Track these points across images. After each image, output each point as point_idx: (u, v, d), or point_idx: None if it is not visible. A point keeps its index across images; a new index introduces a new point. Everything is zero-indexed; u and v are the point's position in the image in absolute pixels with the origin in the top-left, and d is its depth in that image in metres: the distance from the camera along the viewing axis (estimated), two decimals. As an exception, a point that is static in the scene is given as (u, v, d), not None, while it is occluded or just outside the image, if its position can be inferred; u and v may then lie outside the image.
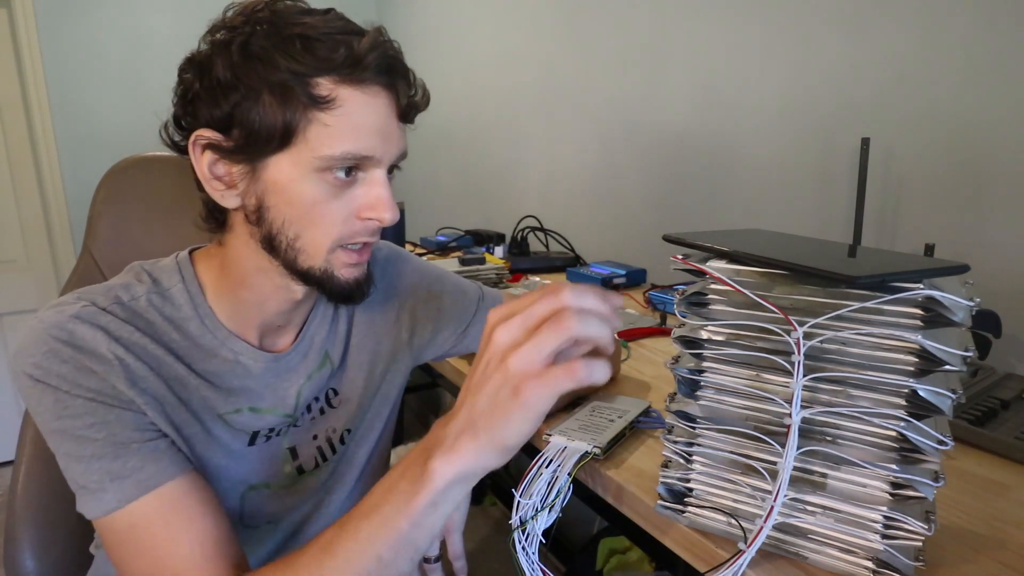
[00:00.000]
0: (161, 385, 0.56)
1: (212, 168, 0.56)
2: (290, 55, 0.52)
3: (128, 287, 0.59)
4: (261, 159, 0.54)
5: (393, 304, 0.74)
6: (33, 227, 2.38)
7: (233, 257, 0.60)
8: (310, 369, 0.68)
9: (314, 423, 0.70)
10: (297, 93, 0.52)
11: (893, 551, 0.42)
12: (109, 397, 0.53)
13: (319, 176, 0.54)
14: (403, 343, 0.75)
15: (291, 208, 0.55)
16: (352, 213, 0.57)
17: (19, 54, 2.23)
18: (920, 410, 0.40)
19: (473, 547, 1.99)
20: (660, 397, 0.78)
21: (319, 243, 0.57)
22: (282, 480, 0.68)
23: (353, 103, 0.53)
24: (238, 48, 0.52)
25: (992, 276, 0.89)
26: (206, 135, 0.55)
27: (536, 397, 0.38)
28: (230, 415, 0.62)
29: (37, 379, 0.51)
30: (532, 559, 0.52)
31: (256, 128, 0.53)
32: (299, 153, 0.54)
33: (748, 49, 1.23)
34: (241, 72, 0.52)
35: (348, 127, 0.53)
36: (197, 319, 0.60)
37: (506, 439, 0.40)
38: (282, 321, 0.65)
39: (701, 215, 1.38)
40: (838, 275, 0.40)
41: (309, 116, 0.53)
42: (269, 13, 0.54)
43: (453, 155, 2.38)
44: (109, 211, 0.87)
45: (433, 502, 0.43)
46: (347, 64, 0.52)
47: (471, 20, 2.18)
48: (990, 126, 0.89)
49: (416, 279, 0.77)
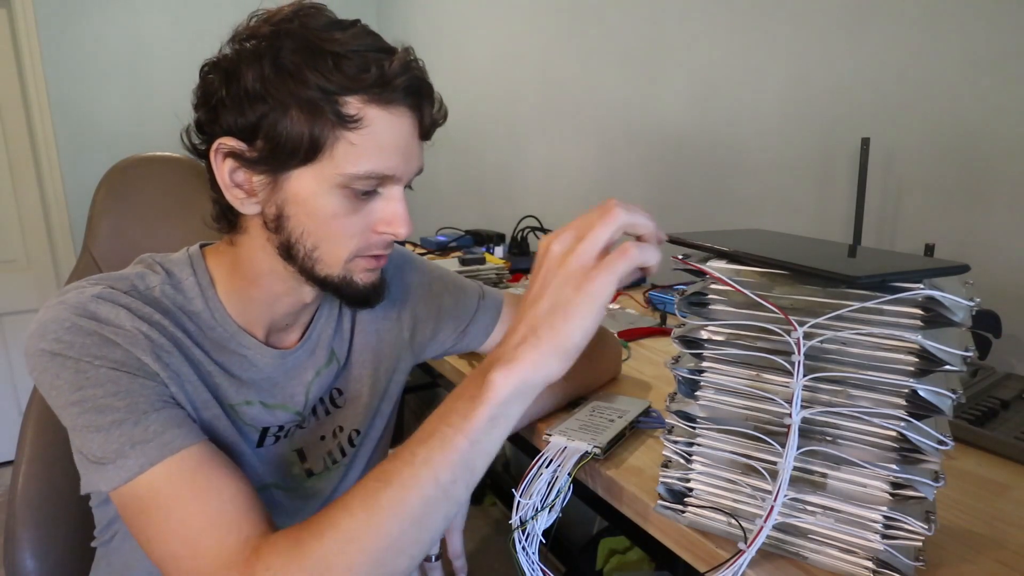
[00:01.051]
0: (184, 362, 0.57)
1: (232, 175, 0.56)
2: (321, 72, 0.52)
3: (143, 276, 0.59)
4: (284, 171, 0.55)
5: (394, 303, 0.75)
6: (33, 227, 2.38)
7: (246, 258, 0.61)
8: (318, 365, 0.68)
9: (320, 424, 0.70)
10: (325, 111, 0.52)
11: (893, 551, 0.42)
12: (132, 368, 0.52)
13: (340, 191, 0.55)
14: (404, 341, 0.76)
15: (311, 220, 0.56)
16: (369, 226, 0.58)
17: (19, 54, 2.23)
18: (920, 410, 0.40)
19: (473, 547, 1.99)
20: (660, 397, 0.78)
21: (337, 254, 0.58)
22: (291, 482, 0.68)
23: (380, 123, 0.54)
24: (270, 61, 0.52)
25: (992, 276, 0.89)
26: (228, 143, 0.55)
27: (600, 284, 0.42)
28: (241, 406, 0.62)
29: (56, 352, 0.50)
30: (532, 559, 0.52)
31: (282, 142, 0.53)
32: (323, 169, 0.54)
33: (748, 49, 1.23)
34: (271, 85, 0.52)
35: (373, 146, 0.54)
36: (208, 312, 0.61)
37: (570, 337, 0.43)
38: (290, 320, 0.66)
39: (701, 215, 1.38)
40: (838, 275, 0.40)
41: (336, 134, 0.53)
42: (299, 25, 0.53)
43: (453, 155, 2.38)
44: (109, 211, 0.87)
45: (493, 416, 0.44)
46: (377, 85, 0.53)
47: (471, 20, 2.18)
48: (990, 126, 0.89)
49: (417, 278, 0.77)
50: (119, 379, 0.51)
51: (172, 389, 0.55)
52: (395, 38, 0.58)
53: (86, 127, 2.35)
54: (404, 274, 0.76)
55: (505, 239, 1.76)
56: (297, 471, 0.68)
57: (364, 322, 0.73)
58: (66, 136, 2.32)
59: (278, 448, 0.67)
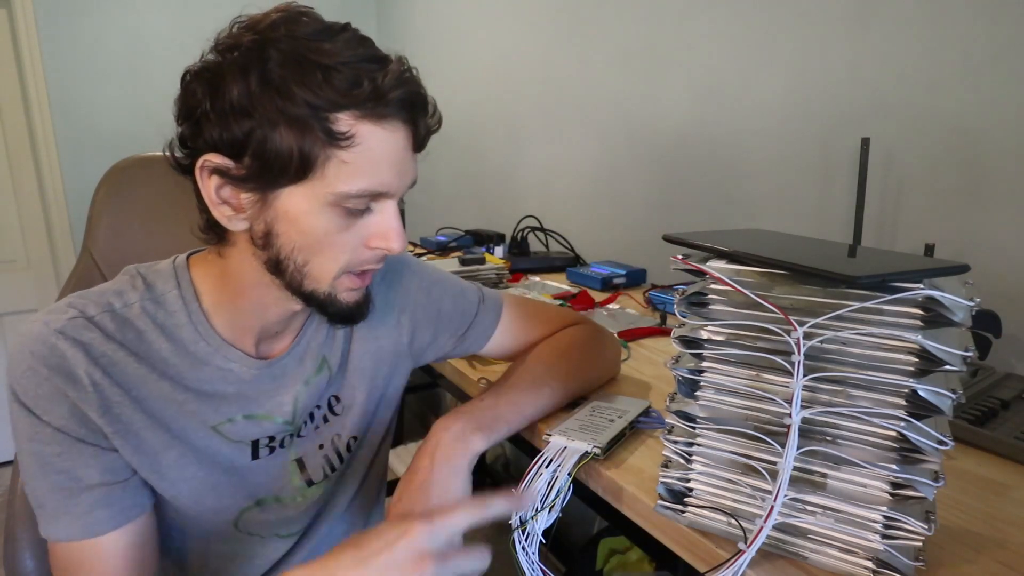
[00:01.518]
0: (137, 410, 0.57)
1: (219, 192, 0.54)
2: (309, 88, 0.49)
3: (121, 293, 0.58)
4: (273, 189, 0.53)
5: (393, 308, 0.73)
6: (33, 227, 2.38)
7: (234, 270, 0.59)
8: (306, 374, 0.67)
9: (318, 432, 0.69)
10: (315, 128, 0.50)
11: (893, 551, 0.42)
12: (76, 431, 0.54)
13: (332, 209, 0.53)
14: (403, 346, 0.75)
15: (302, 237, 0.55)
16: (361, 242, 0.57)
17: (19, 54, 2.23)
18: (920, 410, 0.40)
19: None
20: (660, 397, 0.78)
21: (327, 269, 0.57)
22: (292, 492, 0.68)
23: (373, 140, 0.52)
24: (256, 75, 0.50)
25: (992, 276, 0.89)
26: (214, 160, 0.52)
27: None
28: (223, 426, 0.61)
29: (15, 395, 0.53)
30: (532, 559, 0.53)
31: (271, 160, 0.51)
32: (314, 187, 0.52)
33: (748, 49, 1.23)
34: (258, 101, 0.50)
35: (366, 163, 0.52)
36: (191, 326, 0.60)
37: None
38: (279, 328, 0.64)
39: (701, 215, 1.38)
40: (838, 275, 0.40)
41: (328, 152, 0.51)
42: (285, 34, 0.51)
43: (453, 155, 2.38)
44: (109, 211, 0.87)
45: None
46: (370, 100, 0.51)
47: (471, 19, 2.18)
48: (990, 126, 0.89)
49: (416, 282, 0.76)
50: (63, 441, 0.54)
51: (119, 444, 0.56)
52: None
53: (86, 127, 2.35)
54: (403, 278, 0.75)
55: (505, 239, 1.76)
56: (297, 481, 0.68)
57: (362, 328, 0.71)
58: (66, 136, 2.32)
59: (276, 459, 0.66)
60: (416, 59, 0.58)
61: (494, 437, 0.62)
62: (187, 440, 0.60)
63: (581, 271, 1.41)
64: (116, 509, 0.56)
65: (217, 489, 0.62)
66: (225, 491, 0.63)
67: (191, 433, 0.60)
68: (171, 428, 0.59)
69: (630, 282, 1.38)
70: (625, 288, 1.37)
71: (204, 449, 0.61)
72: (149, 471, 0.58)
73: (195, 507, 0.62)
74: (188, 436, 0.60)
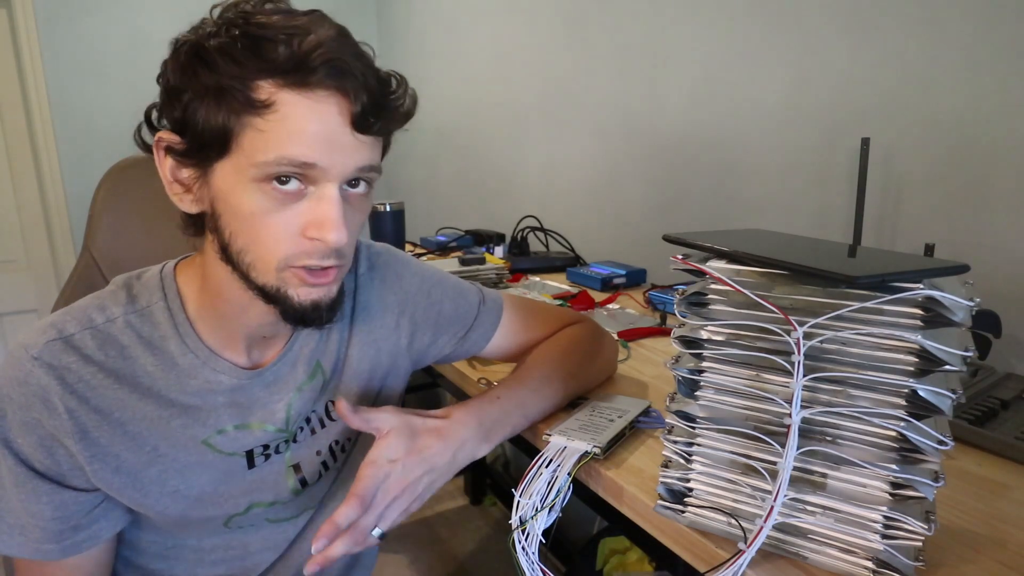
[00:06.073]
0: (116, 432, 0.57)
1: (173, 171, 0.55)
2: (231, 56, 0.49)
3: (104, 308, 0.58)
4: (208, 165, 0.53)
5: (392, 310, 0.72)
6: (33, 227, 2.38)
7: (210, 268, 0.58)
8: (299, 381, 0.65)
9: (315, 438, 0.68)
10: (237, 98, 0.49)
11: (893, 551, 0.42)
12: (43, 460, 0.56)
13: (258, 186, 0.51)
14: (402, 349, 0.74)
15: (236, 220, 0.53)
16: (299, 230, 0.53)
17: (19, 54, 2.23)
18: (920, 410, 0.40)
19: (473, 547, 1.99)
20: (660, 397, 0.78)
21: (266, 259, 0.53)
22: (287, 495, 0.68)
23: (293, 108, 0.49)
24: (187, 51, 0.51)
25: (992, 276, 0.89)
26: (166, 138, 0.54)
27: None
28: (214, 438, 0.61)
29: None
30: (532, 559, 0.53)
31: (199, 132, 0.51)
32: (238, 160, 0.51)
33: (748, 49, 1.23)
34: (188, 74, 0.51)
35: (284, 132, 0.49)
36: (177, 338, 0.59)
37: None
38: (268, 332, 0.62)
39: (701, 215, 1.38)
40: (838, 275, 0.40)
41: (244, 121, 0.50)
42: (234, 12, 0.51)
43: (453, 155, 2.38)
44: (109, 211, 0.87)
45: None
46: (288, 66, 0.48)
47: (471, 20, 2.18)
48: (990, 126, 0.89)
49: (416, 283, 0.74)
50: (22, 475, 0.56)
51: (95, 465, 0.56)
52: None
53: (86, 127, 2.35)
54: (402, 279, 0.74)
55: (505, 239, 1.76)
56: (292, 483, 0.68)
57: (361, 332, 0.70)
58: (66, 136, 2.32)
59: (272, 466, 0.65)
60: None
61: (496, 443, 0.64)
62: (173, 456, 0.59)
63: (581, 271, 1.40)
64: (66, 544, 0.58)
65: (202, 501, 0.62)
66: (214, 501, 0.63)
67: (178, 449, 0.59)
68: (156, 447, 0.59)
69: (630, 282, 1.38)
70: (625, 288, 1.37)
71: (193, 464, 0.60)
72: (131, 489, 0.58)
73: (181, 518, 0.62)
74: (174, 452, 0.59)
